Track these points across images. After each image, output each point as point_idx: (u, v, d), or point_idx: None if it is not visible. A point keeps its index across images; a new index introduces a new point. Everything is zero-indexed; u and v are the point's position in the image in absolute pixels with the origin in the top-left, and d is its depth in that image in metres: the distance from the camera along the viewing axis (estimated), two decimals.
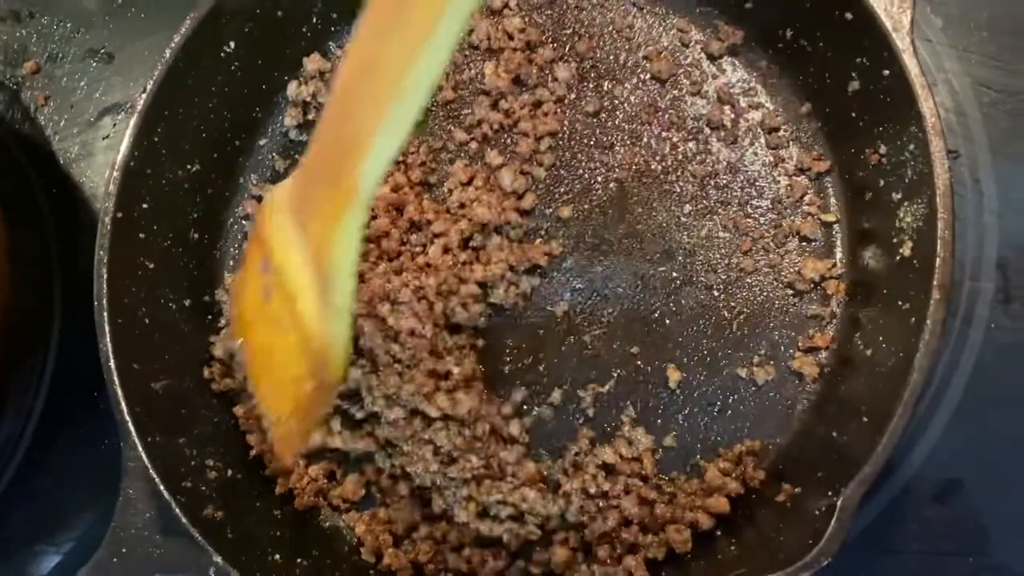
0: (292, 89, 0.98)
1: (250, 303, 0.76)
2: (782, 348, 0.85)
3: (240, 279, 0.80)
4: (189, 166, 0.93)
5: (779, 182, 0.88)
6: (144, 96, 0.88)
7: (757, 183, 0.89)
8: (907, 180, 0.77)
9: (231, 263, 0.97)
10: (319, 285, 0.64)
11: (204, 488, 0.83)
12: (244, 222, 0.97)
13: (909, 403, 0.70)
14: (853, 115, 0.83)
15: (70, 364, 1.01)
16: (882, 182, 0.80)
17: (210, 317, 0.94)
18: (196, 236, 0.95)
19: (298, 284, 0.66)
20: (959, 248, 0.83)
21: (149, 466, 0.80)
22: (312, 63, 0.98)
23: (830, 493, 0.70)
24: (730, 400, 0.85)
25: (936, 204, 0.72)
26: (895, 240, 0.78)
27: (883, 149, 0.80)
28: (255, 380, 0.77)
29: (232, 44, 0.93)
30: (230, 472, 0.86)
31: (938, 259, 0.72)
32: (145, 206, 0.89)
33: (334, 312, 0.65)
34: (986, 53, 0.91)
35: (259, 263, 0.73)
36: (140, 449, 0.80)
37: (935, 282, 0.71)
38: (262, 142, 0.99)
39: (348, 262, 0.64)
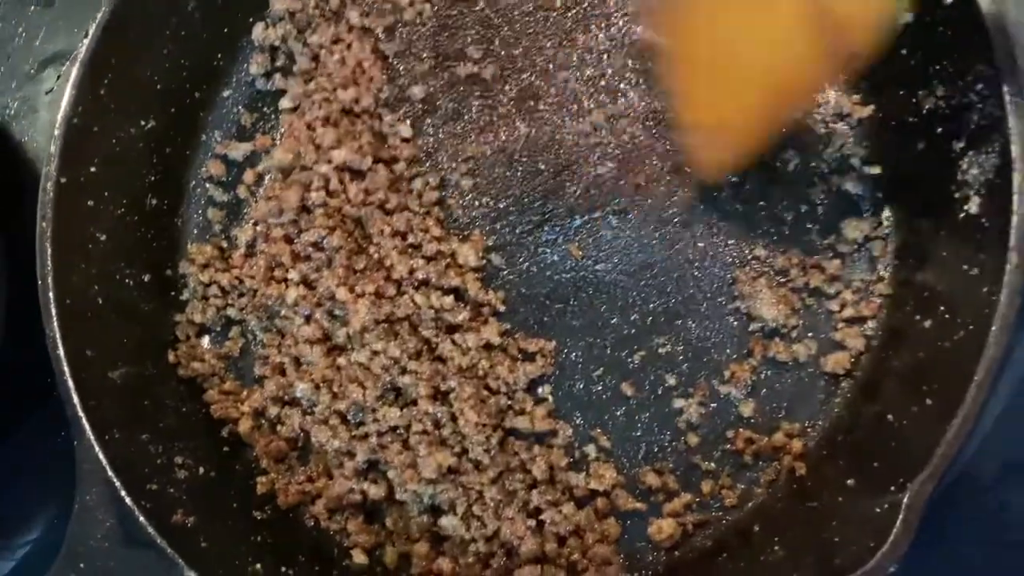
0: (258, 32, 0.88)
1: None
2: (823, 319, 0.76)
3: None
4: (143, 122, 0.84)
5: (815, 131, 0.78)
6: (86, 43, 0.79)
7: (788, 132, 0.78)
8: (972, 126, 0.67)
9: (195, 231, 0.87)
10: None
11: (172, 490, 0.75)
12: (208, 185, 0.87)
13: (984, 384, 0.61)
14: (903, 51, 0.72)
15: (16, 349, 0.90)
16: (939, 129, 0.71)
17: (173, 293, 0.85)
18: (154, 202, 0.85)
19: None
20: None
21: (108, 467, 0.72)
22: (280, 2, 0.87)
23: (892, 488, 0.61)
24: (764, 377, 0.76)
25: (1012, 153, 0.63)
26: (957, 195, 0.68)
27: (940, 91, 0.70)
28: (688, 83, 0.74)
29: None
30: (202, 470, 0.78)
31: (1015, 217, 0.62)
32: (94, 169, 0.80)
33: None
34: None
35: None
36: (97, 448, 0.72)
37: (1012, 243, 0.62)
38: (225, 93, 0.89)
39: None
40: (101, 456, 0.71)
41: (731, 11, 0.68)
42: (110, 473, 0.71)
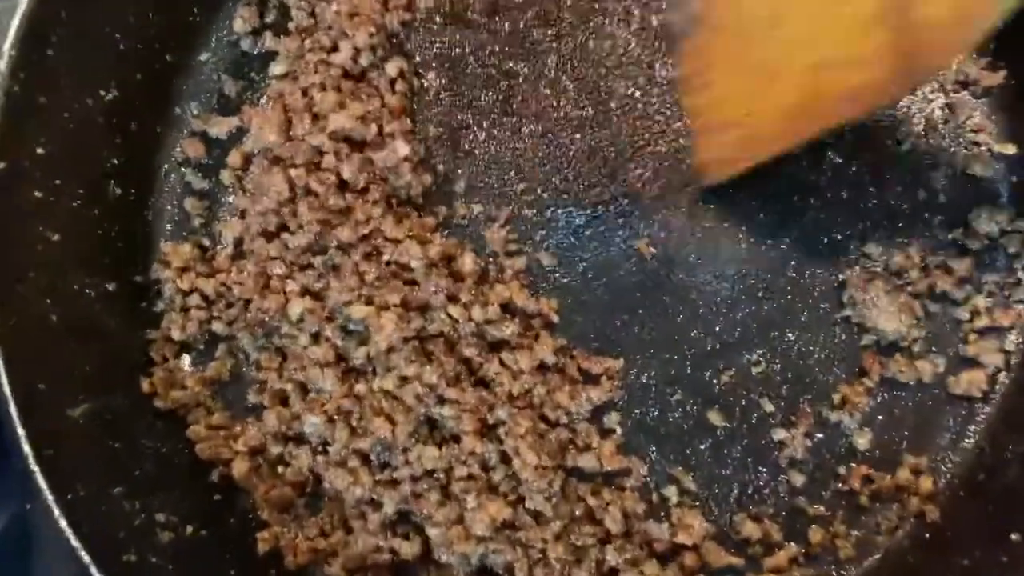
0: None
1: None
2: (951, 330, 0.67)
3: None
4: (103, 92, 0.72)
5: (931, 101, 0.71)
6: None
7: (901, 105, 0.70)
8: None
9: (169, 227, 0.75)
10: None
11: (155, 558, 0.64)
12: (184, 169, 0.75)
13: None
14: None
15: None
16: None
17: (144, 304, 0.73)
18: (118, 191, 0.73)
19: None
20: None
21: (72, 535, 0.61)
22: None
23: None
24: (882, 401, 0.67)
25: None
26: None
27: None
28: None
29: None
30: (189, 528, 0.68)
31: None
32: (41, 151, 0.68)
33: None
34: None
35: None
36: (57, 511, 0.61)
37: None
38: (204, 57, 0.77)
39: None
40: (63, 521, 0.61)
41: None
42: (75, 543, 0.60)
